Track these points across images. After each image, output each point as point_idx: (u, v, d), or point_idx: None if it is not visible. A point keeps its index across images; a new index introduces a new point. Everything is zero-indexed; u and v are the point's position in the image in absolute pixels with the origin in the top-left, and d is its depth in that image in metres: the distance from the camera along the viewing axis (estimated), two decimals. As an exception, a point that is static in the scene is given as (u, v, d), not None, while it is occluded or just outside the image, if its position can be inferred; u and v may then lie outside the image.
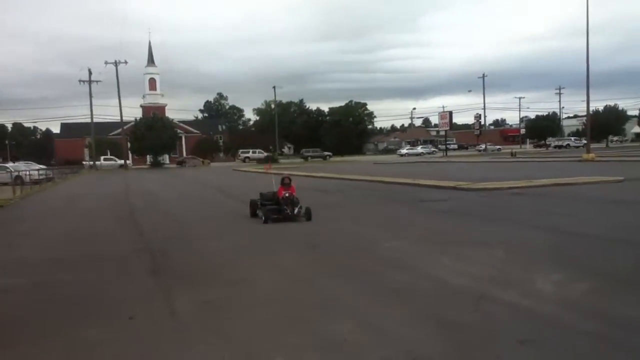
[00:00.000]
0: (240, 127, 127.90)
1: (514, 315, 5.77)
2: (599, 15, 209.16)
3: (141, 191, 28.50)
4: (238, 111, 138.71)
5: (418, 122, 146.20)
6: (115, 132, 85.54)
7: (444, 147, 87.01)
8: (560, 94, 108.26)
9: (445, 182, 23.39)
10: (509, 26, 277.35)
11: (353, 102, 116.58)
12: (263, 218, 13.08)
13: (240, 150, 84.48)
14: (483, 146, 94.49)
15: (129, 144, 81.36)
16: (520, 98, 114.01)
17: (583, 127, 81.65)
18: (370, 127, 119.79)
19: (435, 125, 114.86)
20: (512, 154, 63.29)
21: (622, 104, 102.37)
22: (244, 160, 79.80)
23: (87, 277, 8.30)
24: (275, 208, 13.39)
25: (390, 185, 24.50)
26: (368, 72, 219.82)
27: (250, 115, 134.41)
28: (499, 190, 19.92)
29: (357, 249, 9.73)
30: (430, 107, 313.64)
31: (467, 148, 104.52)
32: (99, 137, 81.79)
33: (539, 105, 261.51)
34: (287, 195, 13.46)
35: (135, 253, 10.14)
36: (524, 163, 44.18)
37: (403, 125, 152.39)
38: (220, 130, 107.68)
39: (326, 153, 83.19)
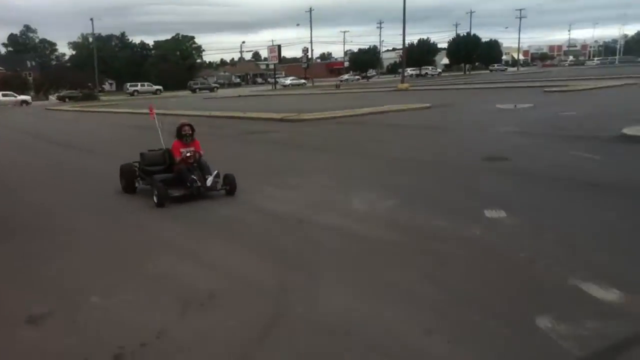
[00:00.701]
0: (54, 63, 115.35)
1: (331, 234, 6.36)
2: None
3: None
4: (50, 45, 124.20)
5: (248, 56, 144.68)
6: None
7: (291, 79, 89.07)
8: (380, 28, 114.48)
9: (273, 114, 23.86)
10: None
11: (180, 36, 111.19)
12: (156, 197, 8.04)
13: (129, 84, 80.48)
14: (345, 76, 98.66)
15: None
16: (344, 32, 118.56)
17: (400, 59, 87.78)
18: (199, 61, 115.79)
19: (265, 59, 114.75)
20: (337, 86, 65.97)
21: (433, 38, 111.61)
22: (132, 94, 76.74)
23: None
24: (170, 177, 8.61)
25: (220, 120, 24.36)
26: (194, 5, 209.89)
27: (65, 50, 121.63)
28: (323, 120, 20.97)
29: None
30: (260, 41, 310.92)
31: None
32: None
33: (362, 39, 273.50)
34: (188, 154, 8.55)
35: None
36: (347, 94, 46.47)
37: (233, 59, 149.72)
38: (30, 66, 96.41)
39: (214, 85, 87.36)
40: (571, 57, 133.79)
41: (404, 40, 55.53)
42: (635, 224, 6.21)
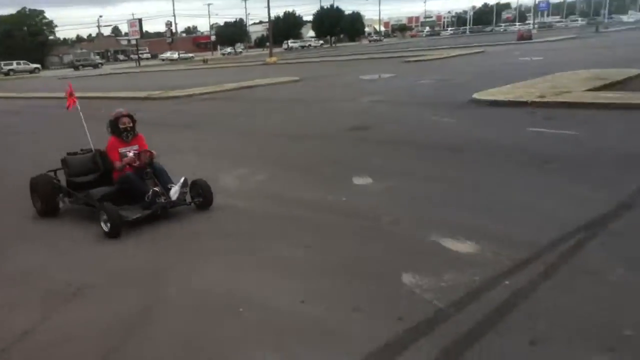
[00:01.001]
0: None
1: (204, 211, 6.26)
2: None
3: None
4: None
5: (107, 31, 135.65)
6: None
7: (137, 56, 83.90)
8: (245, 1, 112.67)
9: (138, 92, 22.77)
10: None
11: (27, 10, 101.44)
12: (106, 225, 5.60)
13: (3, 63, 71.25)
14: (228, 49, 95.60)
15: None
16: (209, 5, 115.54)
17: (267, 32, 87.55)
18: (51, 38, 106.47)
19: (126, 34, 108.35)
20: (204, 61, 64.27)
21: (299, 11, 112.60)
22: (7, 74, 67.89)
23: None
24: (112, 191, 6.24)
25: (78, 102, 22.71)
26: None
27: None
28: (191, 96, 20.41)
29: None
30: (119, 15, 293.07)
31: (156, 57, 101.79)
32: None
33: (228, 11, 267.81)
34: (131, 154, 6.35)
35: None
36: (215, 69, 45.47)
37: (90, 35, 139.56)
38: None
39: (99, 61, 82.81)
40: (427, 28, 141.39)
41: (269, 13, 55.43)
42: (484, 179, 6.82)
